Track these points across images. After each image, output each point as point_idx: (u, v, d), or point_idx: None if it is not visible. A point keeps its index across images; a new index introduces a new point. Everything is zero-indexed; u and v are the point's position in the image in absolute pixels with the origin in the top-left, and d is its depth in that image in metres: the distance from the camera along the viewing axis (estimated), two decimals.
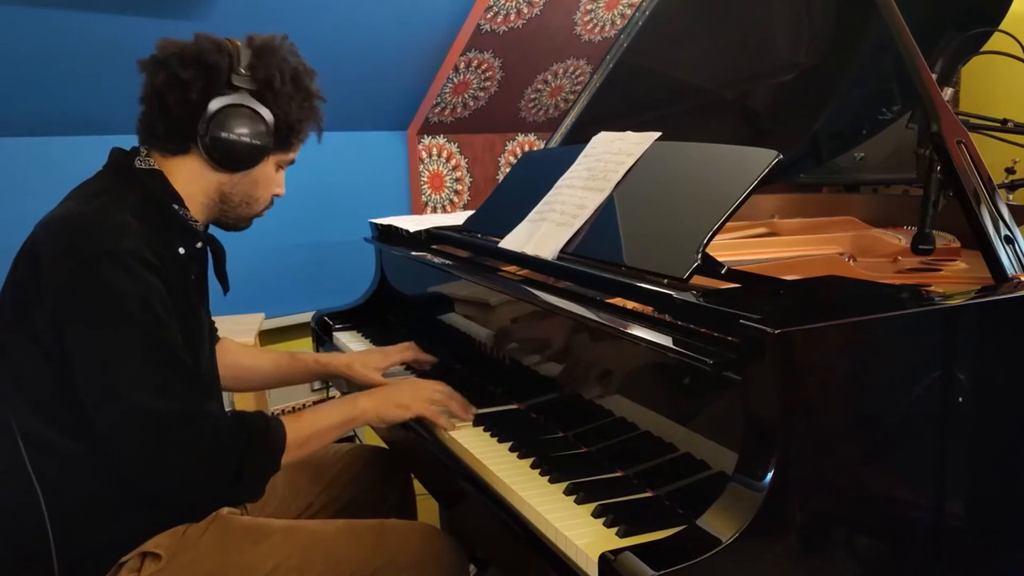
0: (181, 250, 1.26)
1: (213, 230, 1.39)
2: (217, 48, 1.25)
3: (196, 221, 1.31)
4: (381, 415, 1.36)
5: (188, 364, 1.18)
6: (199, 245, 1.32)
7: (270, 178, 1.35)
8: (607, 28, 3.26)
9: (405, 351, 1.68)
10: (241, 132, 1.24)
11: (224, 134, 1.23)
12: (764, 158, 1.18)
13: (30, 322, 1.15)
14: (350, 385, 1.72)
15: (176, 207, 1.28)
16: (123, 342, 1.11)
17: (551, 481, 1.12)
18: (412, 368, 1.70)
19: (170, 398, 1.12)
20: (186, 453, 1.12)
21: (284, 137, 1.31)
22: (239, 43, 1.28)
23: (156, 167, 1.27)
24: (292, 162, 1.39)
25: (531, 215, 1.52)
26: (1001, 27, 1.69)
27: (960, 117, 1.30)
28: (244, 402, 2.49)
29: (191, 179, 1.29)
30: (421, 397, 1.37)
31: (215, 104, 1.23)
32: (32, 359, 1.15)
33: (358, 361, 1.65)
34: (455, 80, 3.10)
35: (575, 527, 0.99)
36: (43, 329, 1.13)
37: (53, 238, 1.16)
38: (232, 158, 1.26)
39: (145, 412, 1.10)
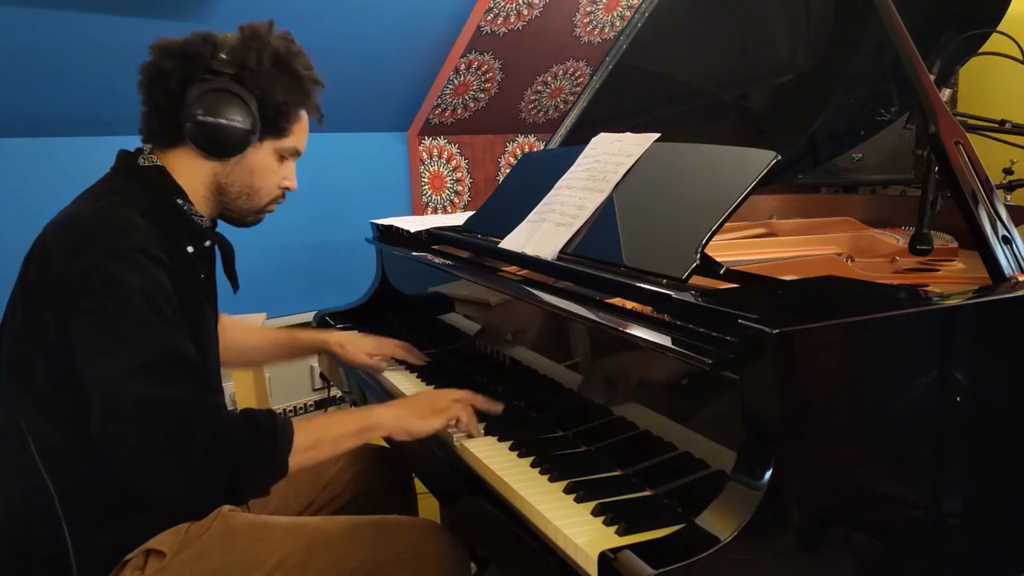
0: (190, 248, 1.26)
1: (222, 228, 1.37)
2: (202, 40, 1.23)
3: (202, 217, 1.30)
4: (403, 426, 1.29)
5: (191, 358, 1.15)
6: (207, 244, 1.31)
7: (269, 167, 1.31)
8: (606, 30, 3.27)
9: (398, 347, 1.69)
10: (220, 115, 1.20)
11: (203, 118, 1.20)
12: (762, 159, 1.19)
13: (40, 323, 1.14)
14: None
15: (181, 202, 1.26)
16: (125, 333, 1.10)
17: (551, 480, 1.12)
18: (406, 364, 1.71)
19: (170, 388, 1.09)
20: (184, 444, 1.07)
21: (273, 121, 1.27)
22: (231, 34, 1.25)
23: (159, 163, 1.27)
24: (298, 153, 1.35)
25: (531, 216, 1.52)
26: (999, 28, 1.70)
27: (958, 118, 1.31)
28: (241, 390, 2.50)
29: (189, 171, 1.27)
30: (441, 408, 1.31)
31: (193, 90, 1.21)
32: (41, 361, 1.15)
33: (351, 342, 1.65)
34: (455, 82, 3.11)
35: (575, 525, 0.99)
36: (52, 329, 1.13)
37: (61, 239, 1.16)
38: (216, 143, 1.23)
39: (145, 400, 1.07)
